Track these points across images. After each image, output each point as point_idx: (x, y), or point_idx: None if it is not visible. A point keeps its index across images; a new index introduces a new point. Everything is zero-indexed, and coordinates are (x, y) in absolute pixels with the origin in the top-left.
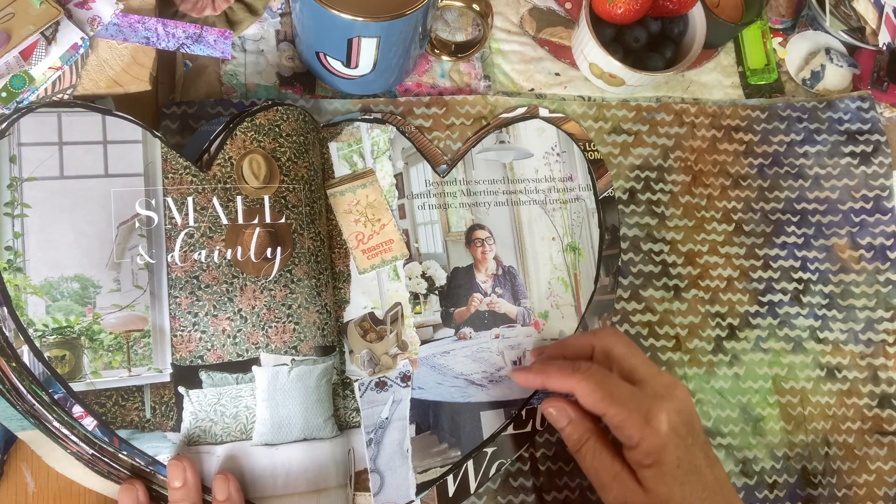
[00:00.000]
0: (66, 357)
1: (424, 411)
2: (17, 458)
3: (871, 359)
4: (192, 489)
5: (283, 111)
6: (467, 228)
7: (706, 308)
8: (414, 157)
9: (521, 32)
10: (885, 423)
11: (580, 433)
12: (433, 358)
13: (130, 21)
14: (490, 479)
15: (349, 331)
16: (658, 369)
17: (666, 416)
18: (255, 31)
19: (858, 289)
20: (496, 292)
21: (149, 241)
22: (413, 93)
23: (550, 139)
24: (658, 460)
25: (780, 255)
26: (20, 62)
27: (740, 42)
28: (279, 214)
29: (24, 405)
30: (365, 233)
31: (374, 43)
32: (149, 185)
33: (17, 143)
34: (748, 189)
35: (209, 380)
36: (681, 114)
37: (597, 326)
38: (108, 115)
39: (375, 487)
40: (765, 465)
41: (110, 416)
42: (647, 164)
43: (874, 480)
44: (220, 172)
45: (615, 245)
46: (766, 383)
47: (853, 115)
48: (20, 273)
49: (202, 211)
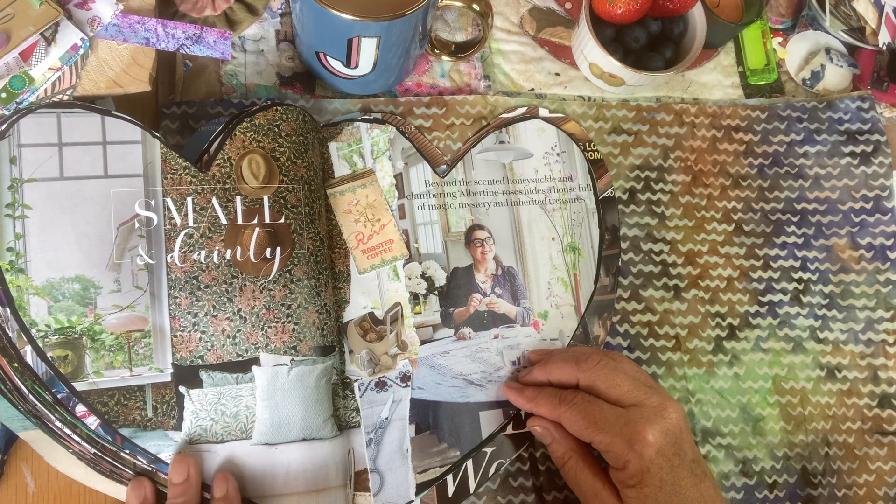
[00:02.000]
0: (69, 357)
1: (424, 411)
2: (17, 458)
3: (871, 359)
4: (193, 486)
5: (283, 111)
6: (467, 228)
7: (706, 308)
8: (414, 157)
9: (521, 32)
10: (885, 423)
11: (562, 451)
12: (433, 358)
13: (130, 22)
14: (490, 479)
15: (349, 331)
16: (647, 391)
17: (652, 438)
18: (255, 31)
19: (858, 289)
20: (495, 292)
21: (148, 241)
22: (413, 93)
23: (550, 139)
24: (641, 481)
25: (780, 255)
26: (20, 63)
27: (740, 42)
28: (278, 214)
29: (26, 405)
30: (365, 233)
31: (374, 43)
32: (148, 185)
33: (17, 144)
34: (748, 189)
35: (209, 379)
36: (681, 114)
37: (597, 327)
38: (107, 116)
39: (375, 487)
40: (765, 465)
41: (113, 415)
42: (647, 164)
43: (874, 480)
44: (220, 173)
45: (615, 245)
46: (766, 383)
47: (853, 115)
48: (22, 274)
49: (201, 211)
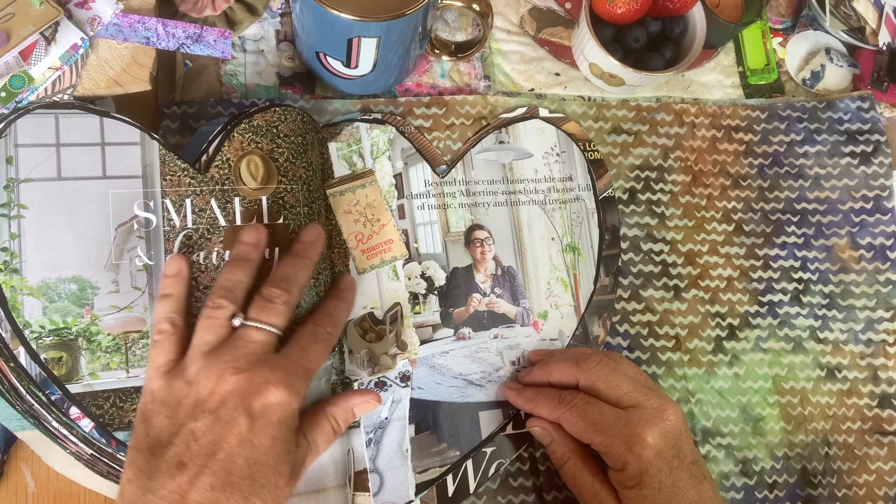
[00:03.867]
0: (63, 359)
1: (423, 411)
2: (17, 458)
3: (871, 359)
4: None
5: (281, 112)
6: (466, 228)
7: (706, 308)
8: (413, 157)
9: (521, 32)
10: (885, 423)
11: (561, 452)
12: (432, 358)
13: (130, 21)
14: (489, 479)
15: (348, 331)
16: (647, 392)
17: (651, 440)
18: (255, 31)
19: (858, 289)
20: (495, 292)
21: (147, 242)
22: (413, 93)
23: (550, 139)
24: (639, 483)
25: (780, 255)
26: (19, 62)
27: (740, 42)
28: (277, 215)
29: (24, 405)
30: (364, 233)
31: (374, 43)
32: (147, 187)
33: (14, 144)
34: (748, 189)
35: None
36: (681, 114)
37: (596, 327)
38: (105, 118)
39: (375, 487)
40: (765, 465)
41: (108, 418)
42: (647, 164)
43: (874, 480)
44: (218, 174)
45: (615, 245)
46: (766, 383)
47: (853, 115)
48: (16, 274)
49: (200, 213)
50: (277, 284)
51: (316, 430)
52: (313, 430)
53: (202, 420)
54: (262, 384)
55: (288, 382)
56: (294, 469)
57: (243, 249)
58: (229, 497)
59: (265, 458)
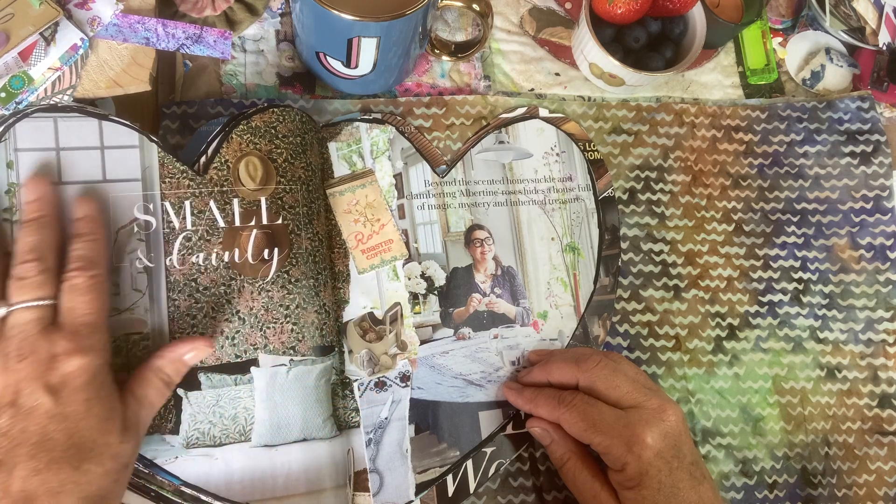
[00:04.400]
0: None
1: (423, 411)
2: None
3: (871, 359)
4: (49, 203)
5: (280, 113)
6: (466, 228)
7: (706, 308)
8: (413, 157)
9: (521, 32)
10: (885, 423)
11: (561, 452)
12: (432, 358)
13: (130, 21)
14: (489, 479)
15: (348, 331)
16: (647, 393)
17: (650, 440)
18: (255, 31)
19: (858, 289)
20: (495, 292)
21: (147, 245)
22: (413, 93)
23: (550, 139)
24: (639, 484)
25: (780, 255)
26: (19, 63)
27: (740, 42)
28: (276, 216)
29: None
30: (364, 233)
31: (374, 43)
32: (146, 189)
33: (14, 148)
34: (748, 189)
35: (208, 381)
36: (681, 114)
37: (596, 327)
38: (104, 121)
39: (375, 487)
40: (765, 465)
41: None
42: (647, 164)
43: (874, 480)
44: (217, 176)
45: (615, 245)
46: (766, 383)
47: (853, 115)
48: None
49: (199, 214)
50: (24, 259)
51: (145, 386)
52: (142, 385)
53: (4, 417)
54: (51, 359)
55: (77, 345)
56: (126, 424)
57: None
58: (58, 472)
59: (85, 422)
